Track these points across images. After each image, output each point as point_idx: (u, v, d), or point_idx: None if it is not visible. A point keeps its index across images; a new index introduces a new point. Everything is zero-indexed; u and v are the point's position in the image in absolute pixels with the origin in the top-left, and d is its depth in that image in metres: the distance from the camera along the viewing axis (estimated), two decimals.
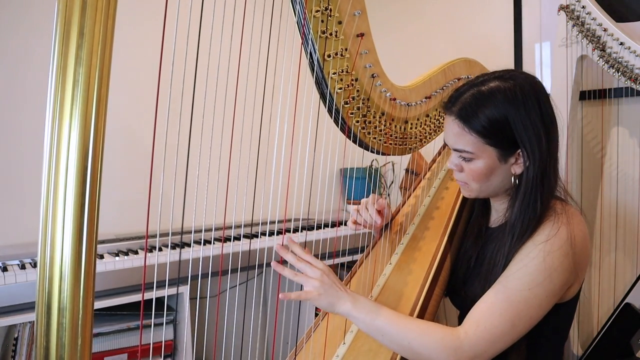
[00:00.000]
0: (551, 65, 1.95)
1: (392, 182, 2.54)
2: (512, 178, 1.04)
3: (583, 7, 1.71)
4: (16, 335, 1.63)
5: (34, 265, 1.58)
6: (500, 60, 2.12)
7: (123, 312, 1.77)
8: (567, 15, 1.75)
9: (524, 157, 1.00)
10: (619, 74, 1.64)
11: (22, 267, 1.56)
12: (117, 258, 1.68)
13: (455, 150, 1.04)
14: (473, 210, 1.26)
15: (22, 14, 1.93)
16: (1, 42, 1.89)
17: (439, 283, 1.12)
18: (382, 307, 0.98)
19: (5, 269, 1.53)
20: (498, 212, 1.13)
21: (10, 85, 1.91)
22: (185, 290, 1.79)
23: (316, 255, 1.86)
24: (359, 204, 1.29)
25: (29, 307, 1.52)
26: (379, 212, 1.26)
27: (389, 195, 2.53)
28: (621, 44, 1.64)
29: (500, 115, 0.98)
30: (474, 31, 2.29)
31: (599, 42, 1.69)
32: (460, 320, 1.04)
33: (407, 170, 2.30)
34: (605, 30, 1.67)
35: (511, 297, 0.92)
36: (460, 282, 1.15)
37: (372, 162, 2.45)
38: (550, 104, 1.02)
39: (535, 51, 2.04)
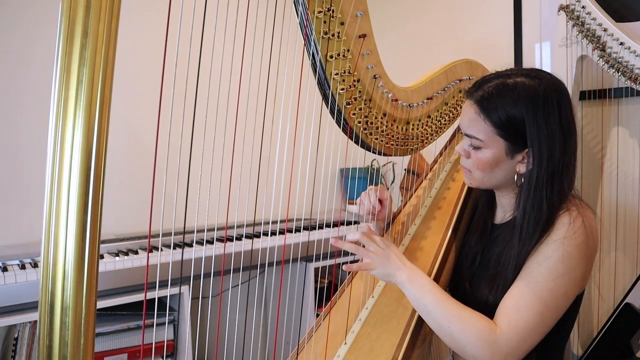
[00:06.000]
0: (551, 66, 1.95)
1: (393, 182, 2.55)
2: (516, 176, 1.04)
3: (583, 7, 1.71)
4: (16, 335, 1.63)
5: (34, 265, 1.57)
6: (501, 60, 2.12)
7: (123, 312, 1.77)
8: (567, 15, 1.75)
9: (530, 157, 1.00)
10: (619, 74, 1.64)
11: (22, 267, 1.55)
12: (117, 258, 1.68)
13: (467, 135, 1.06)
14: (476, 207, 1.26)
15: (22, 13, 1.92)
16: (2, 42, 1.89)
17: (442, 280, 1.12)
18: (435, 287, 1.01)
19: (5, 269, 1.53)
20: (504, 208, 1.13)
21: (9, 86, 1.91)
22: (185, 290, 1.79)
23: (317, 255, 1.87)
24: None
25: (28, 307, 1.52)
26: (380, 201, 1.28)
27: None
28: (621, 44, 1.64)
29: (517, 111, 0.99)
30: (474, 31, 2.29)
31: (599, 42, 1.69)
32: None
33: (407, 170, 2.30)
34: (605, 30, 1.67)
35: (537, 290, 0.93)
36: (464, 279, 1.15)
37: (372, 162, 2.45)
38: (572, 110, 1.02)
39: (535, 51, 2.04)
